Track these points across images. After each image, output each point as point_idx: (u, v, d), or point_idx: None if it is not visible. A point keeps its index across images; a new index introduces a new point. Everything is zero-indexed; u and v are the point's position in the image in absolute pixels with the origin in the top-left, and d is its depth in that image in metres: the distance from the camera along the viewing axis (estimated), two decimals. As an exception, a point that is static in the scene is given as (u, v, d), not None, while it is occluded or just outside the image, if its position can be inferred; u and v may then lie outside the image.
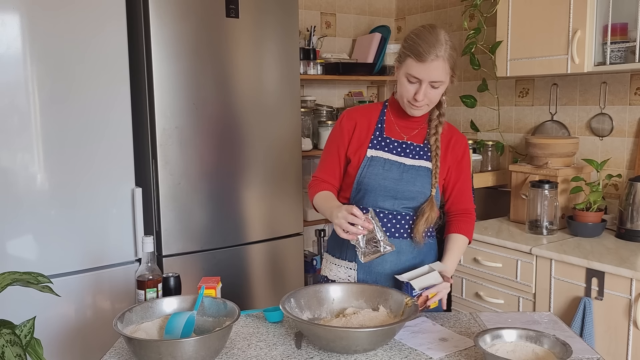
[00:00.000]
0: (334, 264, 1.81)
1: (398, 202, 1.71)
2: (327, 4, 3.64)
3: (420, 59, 1.58)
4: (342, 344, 1.36)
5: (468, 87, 3.41)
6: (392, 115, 1.78)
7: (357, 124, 1.77)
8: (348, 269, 1.77)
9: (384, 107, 1.80)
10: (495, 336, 1.36)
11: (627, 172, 2.67)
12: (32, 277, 1.72)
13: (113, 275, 2.41)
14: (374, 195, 1.72)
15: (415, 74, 1.60)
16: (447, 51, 1.59)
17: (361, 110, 1.82)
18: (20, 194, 2.20)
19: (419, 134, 1.76)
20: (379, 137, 1.75)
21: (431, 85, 1.61)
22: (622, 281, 2.06)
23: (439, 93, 1.66)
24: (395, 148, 1.74)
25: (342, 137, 1.78)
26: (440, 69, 1.59)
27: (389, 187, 1.70)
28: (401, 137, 1.75)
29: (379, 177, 1.71)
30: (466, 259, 2.62)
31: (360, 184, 1.73)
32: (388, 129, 1.76)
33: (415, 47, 1.59)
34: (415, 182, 1.70)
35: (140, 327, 1.43)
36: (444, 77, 1.62)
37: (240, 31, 2.62)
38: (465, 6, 3.11)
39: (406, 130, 1.76)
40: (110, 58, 2.34)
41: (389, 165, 1.71)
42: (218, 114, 2.59)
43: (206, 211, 2.58)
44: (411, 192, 1.70)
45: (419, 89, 1.62)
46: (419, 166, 1.72)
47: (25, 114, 2.19)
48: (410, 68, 1.61)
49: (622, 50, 2.38)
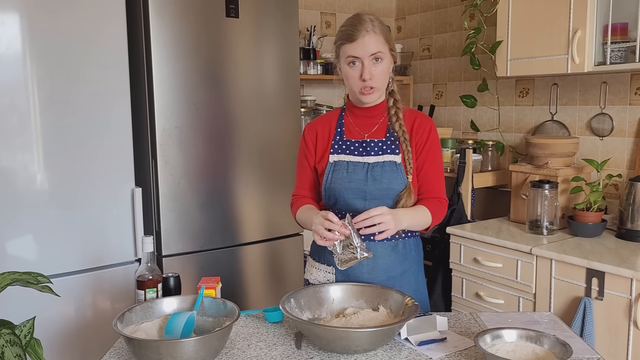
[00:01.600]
0: (314, 268, 1.80)
1: (368, 203, 1.68)
2: (327, 4, 3.64)
3: (352, 39, 1.62)
4: (342, 344, 1.36)
5: (468, 87, 3.41)
6: (350, 116, 1.78)
7: (318, 134, 1.78)
8: (327, 273, 1.75)
9: (342, 111, 1.81)
10: (495, 336, 1.36)
11: (627, 172, 2.66)
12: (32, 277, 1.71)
13: (113, 276, 2.41)
14: (343, 199, 1.70)
15: (353, 53, 1.62)
16: (376, 25, 1.63)
17: (320, 119, 1.83)
18: (20, 194, 2.20)
19: (380, 129, 1.74)
20: (339, 141, 1.75)
21: (373, 58, 1.63)
22: (622, 281, 2.06)
23: (383, 69, 1.65)
24: (357, 148, 1.72)
25: (308, 150, 1.79)
26: (373, 40, 1.62)
27: (356, 189, 1.69)
28: (361, 137, 1.74)
29: (344, 181, 1.70)
30: (466, 259, 2.62)
31: (329, 190, 1.72)
32: (347, 131, 1.76)
33: (345, 33, 1.65)
34: (382, 179, 1.68)
35: (140, 327, 1.43)
36: (381, 48, 1.63)
37: (240, 31, 2.62)
38: (465, 6, 3.10)
39: (366, 129, 1.75)
40: (110, 58, 2.34)
41: (353, 167, 1.70)
42: (218, 114, 2.59)
43: (206, 211, 2.58)
44: (379, 190, 1.68)
45: (362, 69, 1.63)
46: (383, 162, 1.70)
47: (25, 114, 2.19)
48: (346, 51, 1.64)
49: (622, 50, 2.38)
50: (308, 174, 1.81)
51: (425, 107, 3.63)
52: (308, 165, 1.80)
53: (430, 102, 3.65)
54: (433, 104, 3.60)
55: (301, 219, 1.77)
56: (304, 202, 1.79)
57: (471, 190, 2.91)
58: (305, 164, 1.81)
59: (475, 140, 3.16)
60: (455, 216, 2.87)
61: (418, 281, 1.79)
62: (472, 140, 3.16)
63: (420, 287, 1.80)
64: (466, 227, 2.69)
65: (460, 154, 2.93)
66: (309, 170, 1.80)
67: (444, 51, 3.57)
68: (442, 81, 3.59)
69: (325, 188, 1.73)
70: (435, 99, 3.64)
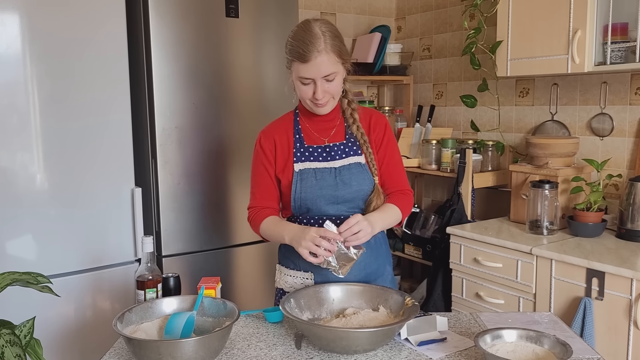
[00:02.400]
0: (288, 276, 1.76)
1: (340, 206, 1.68)
2: (327, 4, 3.64)
3: (304, 60, 1.56)
4: (342, 344, 1.36)
5: (468, 87, 3.41)
6: (305, 122, 1.75)
7: (276, 143, 1.73)
8: (304, 279, 1.73)
9: (296, 116, 1.77)
10: (495, 336, 1.36)
11: (627, 172, 2.66)
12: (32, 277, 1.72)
13: (113, 276, 2.41)
14: (316, 206, 1.68)
15: (305, 75, 1.58)
16: (328, 42, 1.57)
17: (275, 126, 1.77)
18: (20, 194, 2.20)
19: (338, 131, 1.73)
20: (300, 148, 1.71)
21: (325, 79, 1.60)
22: (622, 281, 2.06)
23: (337, 84, 1.63)
24: (320, 154, 1.70)
25: (267, 159, 1.73)
26: (326, 62, 1.57)
27: (327, 195, 1.67)
28: (322, 142, 1.72)
29: (315, 188, 1.67)
30: (466, 259, 2.62)
31: (299, 199, 1.68)
32: (307, 137, 1.73)
33: (296, 50, 1.58)
34: (351, 181, 1.67)
35: (140, 327, 1.43)
36: (334, 68, 1.59)
37: (240, 31, 2.62)
38: (465, 6, 3.10)
39: (324, 133, 1.73)
40: (110, 58, 2.34)
41: (321, 174, 1.68)
42: (218, 114, 2.59)
43: (206, 211, 2.58)
44: (350, 192, 1.67)
45: (315, 87, 1.60)
46: (349, 164, 1.69)
47: (25, 114, 2.19)
48: (298, 71, 1.59)
49: (622, 50, 2.38)
50: (267, 183, 1.74)
51: (425, 107, 3.63)
52: (267, 174, 1.73)
53: (430, 102, 3.64)
54: (433, 104, 3.60)
55: (268, 233, 1.70)
56: (266, 213, 1.72)
57: (471, 190, 2.91)
58: (264, 173, 1.74)
59: (476, 140, 3.16)
60: (456, 216, 2.87)
61: (390, 272, 1.83)
62: (472, 140, 3.16)
63: (392, 277, 1.84)
64: (466, 227, 2.69)
65: (460, 154, 2.93)
66: (269, 179, 1.74)
67: (444, 51, 3.57)
68: (442, 81, 3.59)
69: (295, 198, 1.69)
70: (435, 99, 3.64)
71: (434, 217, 3.25)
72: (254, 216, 1.75)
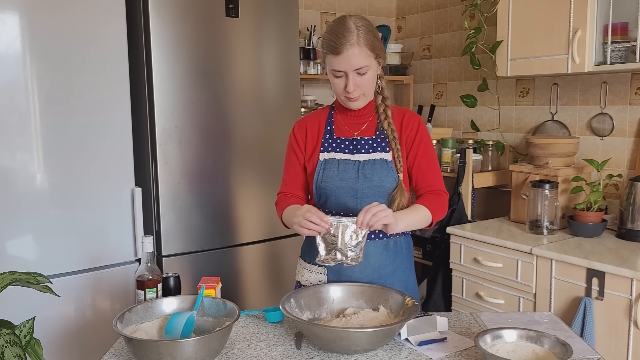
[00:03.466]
0: (305, 269, 1.79)
1: (360, 201, 1.68)
2: (327, 3, 3.64)
3: (336, 52, 1.59)
4: (342, 344, 1.36)
5: (468, 86, 3.41)
6: (339, 115, 1.77)
7: (307, 131, 1.77)
8: (318, 274, 1.74)
9: (331, 109, 1.80)
10: (495, 336, 1.36)
11: (627, 172, 2.66)
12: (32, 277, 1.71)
13: (113, 276, 2.41)
14: (335, 197, 1.70)
15: (337, 67, 1.61)
16: (361, 36, 1.59)
17: (310, 117, 1.82)
18: (20, 194, 2.20)
19: (369, 127, 1.74)
20: (329, 139, 1.74)
21: (357, 73, 1.61)
22: (622, 281, 2.06)
23: (369, 79, 1.64)
24: (347, 146, 1.72)
25: (298, 147, 1.78)
26: (357, 55, 1.59)
27: (347, 187, 1.68)
28: (351, 135, 1.74)
29: (335, 179, 1.69)
30: (466, 259, 2.62)
31: (319, 188, 1.71)
32: (337, 129, 1.76)
33: (329, 43, 1.61)
34: (373, 176, 1.68)
35: (140, 327, 1.43)
36: (365, 62, 1.61)
37: (240, 31, 2.62)
38: (465, 6, 3.10)
39: (355, 127, 1.75)
40: (110, 58, 2.34)
41: (344, 165, 1.70)
42: (218, 114, 2.59)
43: (206, 211, 2.58)
44: (370, 187, 1.68)
45: (347, 81, 1.62)
46: (374, 160, 1.69)
47: (25, 114, 2.19)
48: (331, 64, 1.62)
49: (622, 50, 2.38)
50: (297, 171, 1.79)
51: (425, 107, 3.63)
52: (298, 162, 1.78)
53: (431, 102, 3.64)
54: (433, 103, 3.60)
55: (287, 219, 1.72)
56: (291, 201, 1.76)
57: (471, 190, 2.91)
58: (294, 161, 1.79)
59: (476, 140, 3.16)
60: (456, 216, 2.87)
61: (409, 279, 1.79)
62: (472, 140, 3.16)
63: (412, 284, 1.80)
64: (466, 227, 2.69)
65: (460, 154, 2.93)
66: (299, 168, 1.78)
67: (444, 51, 3.56)
68: (442, 81, 3.59)
69: (316, 186, 1.72)
70: (435, 99, 3.64)
71: (434, 217, 3.25)
72: (280, 202, 1.79)
